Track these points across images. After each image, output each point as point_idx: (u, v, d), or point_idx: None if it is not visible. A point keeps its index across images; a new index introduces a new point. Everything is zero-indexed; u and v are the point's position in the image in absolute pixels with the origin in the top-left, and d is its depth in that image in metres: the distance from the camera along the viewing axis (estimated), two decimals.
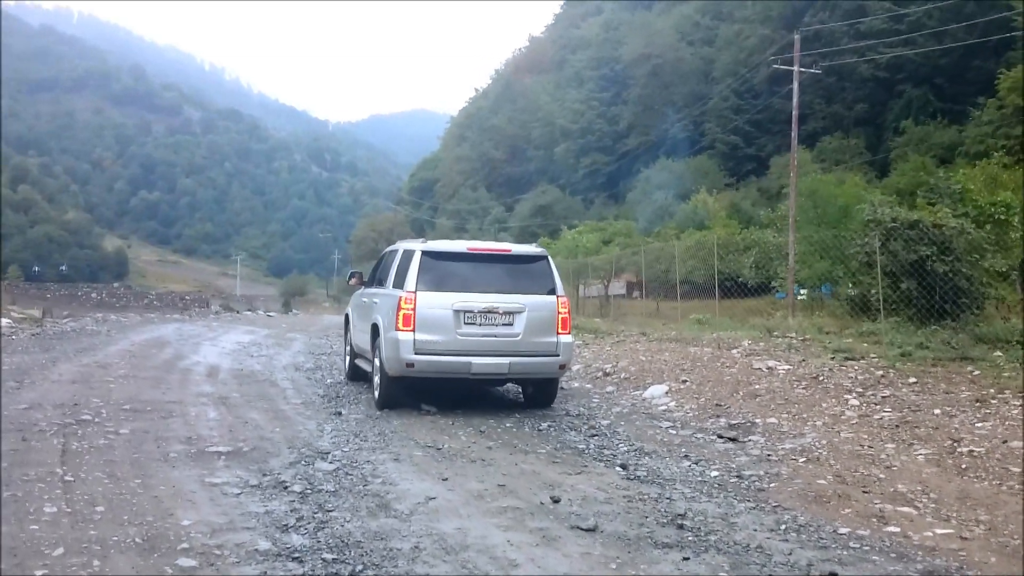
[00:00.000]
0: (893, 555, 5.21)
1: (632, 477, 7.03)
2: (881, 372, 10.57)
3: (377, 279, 11.30)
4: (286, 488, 6.31)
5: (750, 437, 8.50)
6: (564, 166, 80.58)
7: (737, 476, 7.06)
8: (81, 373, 11.64)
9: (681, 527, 5.69)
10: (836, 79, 59.50)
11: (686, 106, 71.93)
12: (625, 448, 8.20)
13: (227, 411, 9.49)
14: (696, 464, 7.49)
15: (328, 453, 7.54)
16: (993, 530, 5.67)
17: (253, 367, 13.75)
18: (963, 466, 6.95)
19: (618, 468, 7.34)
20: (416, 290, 9.45)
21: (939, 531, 5.64)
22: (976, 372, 10.13)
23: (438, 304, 9.43)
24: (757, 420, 9.11)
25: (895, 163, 51.46)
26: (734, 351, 13.10)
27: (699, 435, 8.77)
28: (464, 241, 12.08)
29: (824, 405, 9.35)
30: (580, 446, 8.26)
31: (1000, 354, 11.49)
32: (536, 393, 10.65)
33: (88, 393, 9.95)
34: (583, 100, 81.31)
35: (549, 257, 10.23)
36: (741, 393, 10.35)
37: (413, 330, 9.34)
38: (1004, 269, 16.08)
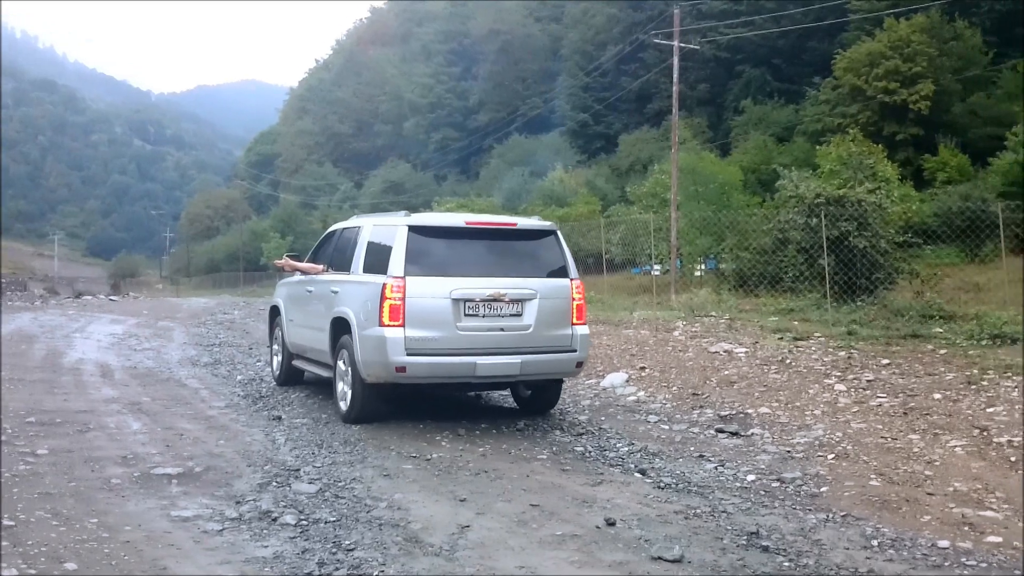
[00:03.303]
0: (1019, 572, 4.68)
1: (663, 486, 6.26)
2: (844, 353, 10.29)
3: (329, 263, 9.46)
4: (275, 520, 5.21)
5: (751, 431, 7.90)
6: (414, 141, 79.05)
7: (777, 480, 6.41)
8: None
9: (765, 549, 4.97)
10: (679, 59, 60.72)
11: (536, 83, 71.96)
12: (626, 448, 7.43)
13: (150, 420, 8.10)
14: (721, 466, 6.80)
15: (298, 470, 6.42)
16: None
17: (146, 363, 12.12)
18: (1012, 459, 6.57)
19: (637, 474, 6.58)
20: (405, 275, 7.66)
21: None
22: (943, 351, 10.00)
23: (433, 292, 7.67)
24: (748, 411, 8.55)
25: (735, 142, 53.22)
26: (675, 333, 12.60)
27: (694, 430, 8.11)
28: (459, 214, 10.49)
29: (811, 392, 8.90)
30: (577, 448, 7.41)
31: (940, 330, 11.53)
32: (535, 397, 8.98)
33: None
34: (432, 74, 79.91)
35: (558, 232, 8.55)
36: (714, 380, 9.78)
37: (403, 325, 7.55)
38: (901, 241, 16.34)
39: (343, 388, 8.33)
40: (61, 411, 8.26)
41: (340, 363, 8.33)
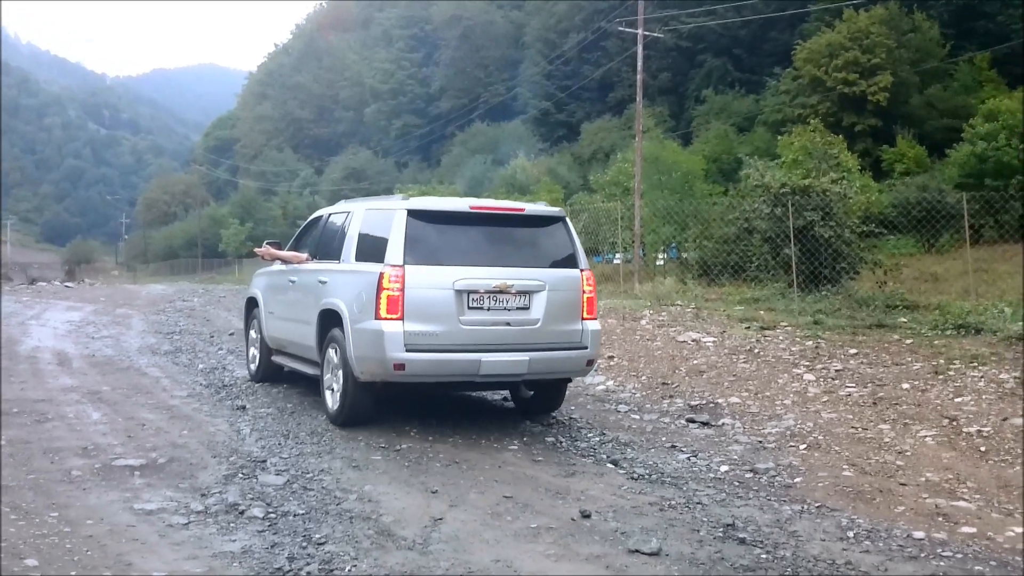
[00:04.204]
0: (994, 563, 4.68)
1: (636, 476, 6.20)
2: (812, 343, 10.33)
3: (314, 251, 8.75)
4: (243, 513, 5.09)
5: (722, 421, 7.89)
6: (375, 128, 78.46)
7: (751, 471, 6.38)
8: None
9: (742, 541, 4.93)
10: (642, 47, 60.65)
11: (498, 70, 71.66)
12: (597, 439, 7.36)
13: (110, 410, 7.90)
14: (694, 457, 6.77)
15: (264, 461, 6.27)
16: None
17: (104, 351, 11.86)
18: (982, 448, 6.62)
19: (610, 465, 6.51)
20: (404, 263, 6.99)
21: (1017, 529, 5.19)
22: (909, 341, 10.07)
23: (434, 283, 6.98)
24: (719, 400, 8.54)
25: (697, 131, 53.44)
26: (642, 322, 12.59)
27: (665, 420, 8.07)
28: (462, 199, 9.87)
29: (780, 381, 8.92)
30: (548, 438, 7.34)
31: (904, 320, 11.62)
32: (537, 398, 8.29)
33: None
34: (393, 60, 79.27)
35: (567, 218, 7.85)
36: (683, 370, 9.77)
37: (402, 318, 6.87)
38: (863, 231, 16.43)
39: (332, 387, 7.66)
40: (18, 400, 8.05)
41: (329, 360, 7.70)
